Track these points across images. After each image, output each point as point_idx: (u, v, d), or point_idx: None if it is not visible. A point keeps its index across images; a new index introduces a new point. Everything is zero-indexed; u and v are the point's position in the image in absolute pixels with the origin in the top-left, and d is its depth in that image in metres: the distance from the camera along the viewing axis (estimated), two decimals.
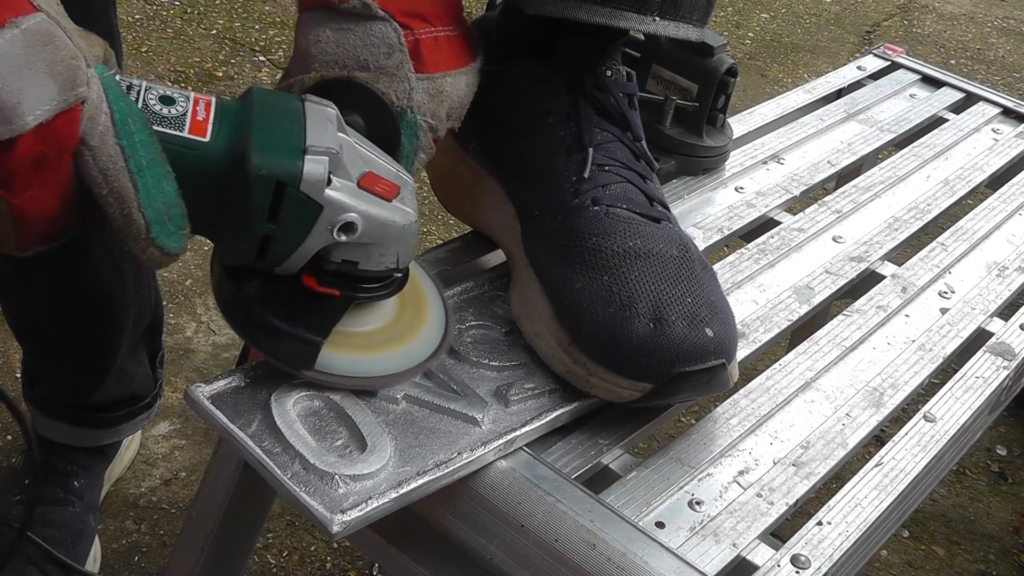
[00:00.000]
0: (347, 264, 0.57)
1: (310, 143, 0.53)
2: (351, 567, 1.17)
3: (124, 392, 1.11)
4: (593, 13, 0.68)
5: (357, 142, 0.57)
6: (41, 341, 1.08)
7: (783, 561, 0.61)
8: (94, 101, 0.48)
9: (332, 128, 0.55)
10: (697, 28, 0.72)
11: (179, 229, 0.51)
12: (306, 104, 0.56)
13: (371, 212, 0.55)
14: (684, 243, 0.68)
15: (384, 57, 0.61)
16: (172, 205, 0.51)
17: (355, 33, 0.61)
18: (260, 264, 0.56)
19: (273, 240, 0.54)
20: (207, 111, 0.53)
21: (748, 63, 2.45)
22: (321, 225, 0.54)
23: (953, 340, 0.82)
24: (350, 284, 0.58)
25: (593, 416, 0.66)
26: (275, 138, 0.53)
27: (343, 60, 0.61)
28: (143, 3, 2.22)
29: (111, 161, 0.49)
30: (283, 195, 0.53)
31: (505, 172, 0.75)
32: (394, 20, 0.62)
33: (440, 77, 0.64)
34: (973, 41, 2.80)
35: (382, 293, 0.60)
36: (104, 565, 1.11)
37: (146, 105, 0.52)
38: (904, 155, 1.07)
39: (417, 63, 0.62)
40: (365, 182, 0.56)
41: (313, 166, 0.53)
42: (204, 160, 0.52)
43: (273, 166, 0.52)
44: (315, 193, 0.53)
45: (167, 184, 0.50)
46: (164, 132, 0.51)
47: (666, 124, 0.93)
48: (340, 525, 0.53)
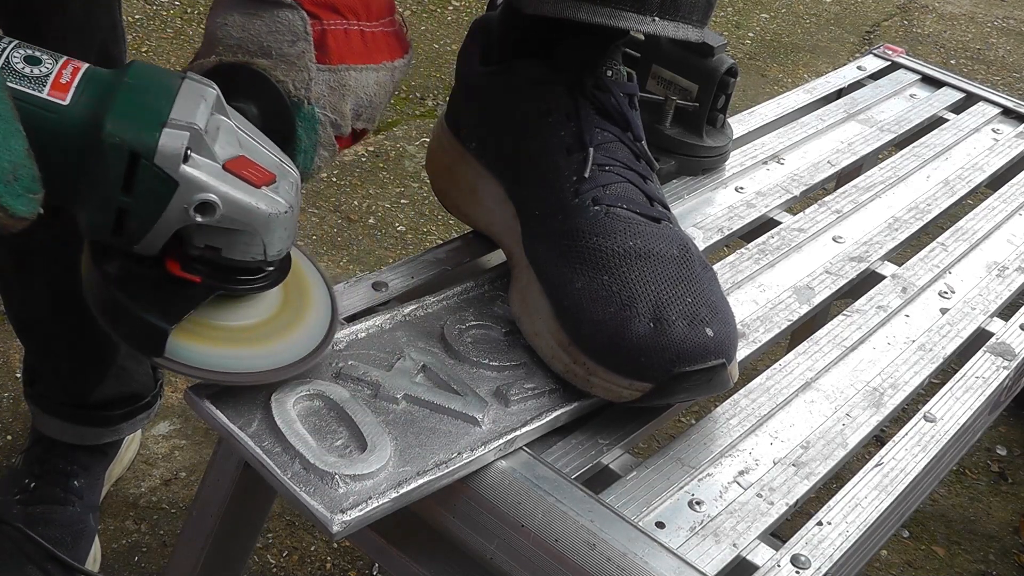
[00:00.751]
0: (210, 249, 0.55)
1: (172, 117, 0.52)
2: (351, 567, 1.17)
3: (124, 391, 1.11)
4: (593, 13, 0.68)
5: (238, 126, 0.56)
6: (42, 339, 1.08)
7: (783, 561, 0.61)
8: None
9: (204, 106, 0.53)
10: (697, 29, 0.72)
11: (28, 192, 0.49)
12: (184, 82, 0.54)
13: (232, 195, 0.53)
14: (684, 243, 0.68)
15: (287, 45, 0.60)
16: (20, 165, 0.48)
17: (262, 19, 0.60)
18: (118, 240, 0.54)
19: (128, 214, 0.53)
20: (73, 75, 0.52)
21: (748, 63, 2.45)
22: (177, 202, 0.52)
23: (953, 340, 0.82)
24: (214, 272, 0.56)
25: (593, 416, 0.66)
26: (137, 109, 0.51)
27: (247, 45, 0.60)
28: (143, 3, 2.22)
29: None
30: (137, 167, 0.51)
31: (505, 172, 0.75)
32: (302, 8, 0.60)
33: (343, 70, 0.62)
34: (973, 41, 2.80)
35: (251, 286, 0.58)
36: (104, 565, 1.11)
37: (8, 62, 0.50)
38: (904, 155, 1.07)
39: (320, 54, 0.61)
40: (232, 164, 0.54)
41: (169, 140, 0.51)
42: (59, 123, 0.50)
43: (128, 135, 0.51)
44: (170, 167, 0.52)
45: (15, 142, 0.48)
46: (19, 90, 0.50)
47: (666, 124, 0.93)
48: (340, 525, 0.53)
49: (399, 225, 1.70)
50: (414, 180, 1.81)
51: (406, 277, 0.75)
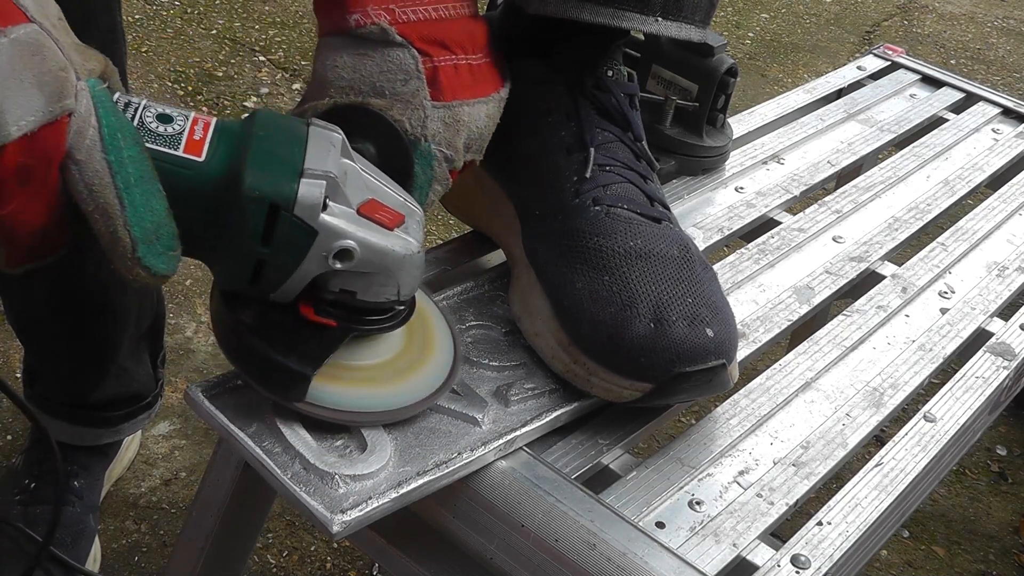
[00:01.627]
0: (345, 294, 0.55)
1: (308, 166, 0.52)
2: (351, 567, 1.17)
3: (125, 391, 1.11)
4: (595, 13, 0.68)
5: (364, 169, 0.56)
6: (42, 339, 1.08)
7: (783, 561, 0.61)
8: (82, 114, 0.47)
9: (335, 153, 0.54)
10: (699, 29, 0.72)
11: (168, 250, 0.50)
12: (310, 128, 0.54)
13: (369, 240, 0.54)
14: (685, 243, 0.68)
15: (400, 84, 0.60)
16: (161, 224, 0.49)
17: (372, 59, 0.60)
18: (254, 290, 0.54)
19: (267, 265, 0.53)
20: (205, 131, 0.52)
21: (748, 63, 2.45)
22: (316, 251, 0.53)
23: (953, 340, 0.82)
24: (349, 315, 0.56)
25: (593, 416, 0.66)
26: (272, 160, 0.52)
27: (358, 86, 0.60)
28: (143, 3, 2.22)
29: (97, 176, 0.48)
30: (277, 218, 0.51)
31: (505, 172, 0.75)
32: (412, 46, 0.60)
33: (458, 106, 0.62)
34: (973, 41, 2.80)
35: (383, 326, 0.58)
36: (104, 565, 1.11)
37: (142, 123, 0.50)
38: (904, 155, 1.07)
39: (434, 91, 0.61)
40: (365, 209, 0.54)
41: (308, 190, 0.51)
42: (197, 180, 0.51)
43: (267, 188, 0.51)
44: (309, 217, 0.52)
45: (156, 202, 0.49)
46: (156, 150, 0.50)
47: (666, 124, 0.93)
48: (340, 525, 0.53)
49: None
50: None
51: None
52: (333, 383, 0.58)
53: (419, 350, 0.62)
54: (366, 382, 0.59)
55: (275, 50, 2.15)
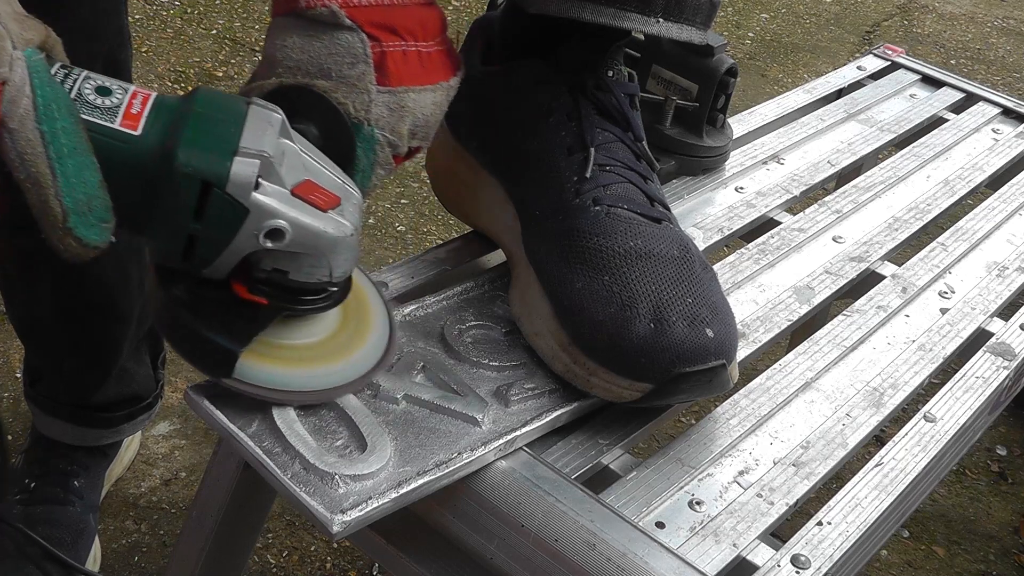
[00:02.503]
0: (277, 273, 0.56)
1: (243, 145, 0.52)
2: (351, 567, 1.17)
3: (126, 392, 1.11)
4: (597, 14, 0.68)
5: (303, 149, 0.56)
6: (45, 340, 1.08)
7: (783, 561, 0.61)
8: (16, 83, 0.47)
9: (272, 132, 0.54)
10: (700, 30, 0.72)
11: (101, 222, 0.50)
12: (250, 107, 0.54)
13: (301, 220, 0.54)
14: (685, 244, 0.68)
15: (347, 67, 0.60)
16: (93, 196, 0.49)
17: (321, 41, 0.60)
18: (186, 265, 0.55)
19: (199, 241, 0.53)
20: (143, 105, 0.52)
21: (748, 63, 2.45)
22: (247, 229, 0.53)
23: (953, 340, 0.82)
24: (280, 294, 0.56)
25: (593, 416, 0.66)
26: (208, 137, 0.52)
27: (306, 67, 0.60)
28: (143, 3, 2.22)
29: (29, 145, 0.47)
30: (209, 195, 0.52)
31: (506, 172, 0.75)
32: (362, 30, 0.60)
33: (403, 92, 0.62)
34: (973, 41, 2.80)
35: (315, 306, 0.58)
36: (104, 565, 1.11)
37: (80, 94, 0.50)
38: (904, 155, 1.07)
39: (380, 76, 0.61)
40: (300, 190, 0.54)
41: (241, 168, 0.52)
42: (132, 153, 0.51)
43: (200, 165, 0.51)
44: (241, 195, 0.52)
45: (89, 174, 0.49)
46: (92, 121, 0.50)
47: (666, 124, 0.93)
48: (340, 525, 0.53)
49: (399, 225, 1.70)
50: (414, 180, 1.81)
51: (406, 277, 0.75)
52: (264, 361, 0.58)
53: (353, 331, 0.63)
54: (297, 361, 0.60)
55: None
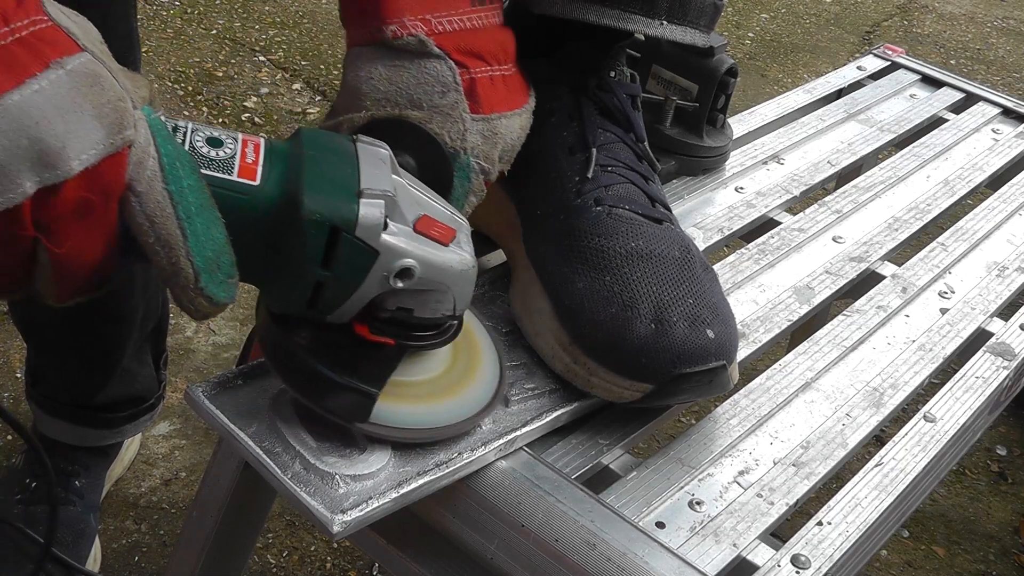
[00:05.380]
0: (402, 311, 0.54)
1: (365, 186, 0.51)
2: (351, 567, 1.17)
3: (128, 393, 1.11)
4: (601, 15, 0.68)
5: (410, 184, 0.55)
6: (48, 340, 1.08)
7: (783, 561, 0.61)
8: (141, 145, 0.46)
9: (386, 169, 0.53)
10: (703, 33, 0.72)
11: (228, 278, 0.49)
12: (358, 145, 0.54)
13: (428, 257, 0.53)
14: (686, 244, 0.68)
15: (439, 96, 0.59)
16: (221, 253, 0.48)
17: (409, 71, 0.59)
18: (311, 313, 0.53)
19: (326, 287, 0.52)
20: (256, 153, 0.51)
21: (748, 63, 2.45)
22: (377, 272, 0.52)
23: (953, 340, 0.82)
24: (404, 332, 0.55)
25: (593, 416, 0.67)
26: (328, 181, 0.50)
27: (395, 98, 0.59)
28: (143, 3, 2.22)
29: (159, 208, 0.46)
30: (338, 241, 0.50)
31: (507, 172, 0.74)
32: (449, 58, 0.60)
33: (496, 119, 0.62)
34: (973, 41, 2.80)
35: (437, 341, 0.57)
36: (104, 565, 1.11)
37: (193, 147, 0.49)
38: (904, 155, 1.07)
39: (472, 103, 0.61)
40: (421, 226, 0.53)
41: (369, 210, 0.50)
42: (254, 205, 0.50)
43: (327, 210, 0.50)
44: (371, 238, 0.51)
45: (216, 231, 0.48)
46: (213, 176, 0.49)
47: (666, 124, 0.93)
48: (340, 525, 0.53)
49: None
50: None
51: None
52: (391, 401, 0.57)
53: (466, 362, 0.62)
54: (422, 398, 0.59)
55: (275, 50, 2.15)
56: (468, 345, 0.63)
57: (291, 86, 2.04)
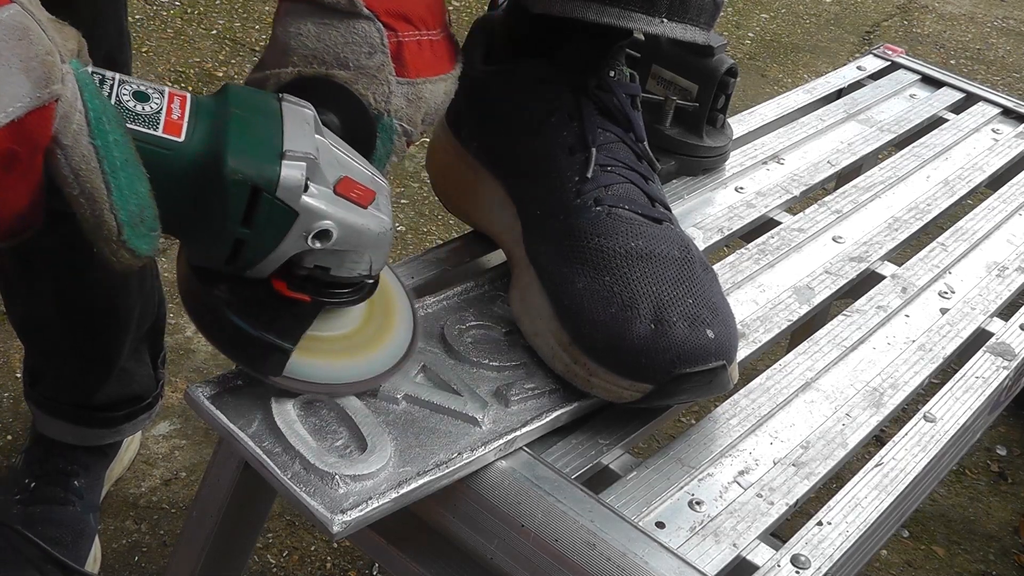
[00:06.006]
0: (319, 270, 0.56)
1: (288, 147, 0.52)
2: (351, 567, 1.17)
3: (126, 392, 1.11)
4: (601, 13, 0.68)
5: (333, 144, 0.56)
6: (45, 340, 1.08)
7: (783, 561, 0.61)
8: (68, 99, 0.46)
9: (309, 131, 0.54)
10: (703, 31, 0.72)
11: (151, 231, 0.50)
12: (283, 104, 0.54)
13: (347, 219, 0.54)
14: (686, 244, 0.68)
15: (365, 57, 0.60)
16: (145, 207, 0.49)
17: (337, 29, 0.59)
18: (230, 268, 0.54)
19: (246, 245, 0.53)
20: (182, 109, 0.51)
21: (748, 63, 2.45)
22: (296, 231, 0.53)
23: (953, 340, 0.82)
24: (321, 289, 0.57)
25: (593, 416, 0.66)
26: (252, 141, 0.51)
27: (323, 56, 0.60)
28: (143, 3, 2.22)
29: (84, 161, 0.47)
30: (258, 200, 0.51)
31: (507, 171, 0.75)
32: (378, 20, 0.60)
33: (421, 83, 0.62)
34: (973, 41, 2.80)
35: (353, 299, 0.58)
36: (104, 565, 1.11)
37: (119, 101, 0.50)
38: (904, 155, 1.07)
39: (398, 66, 0.61)
40: (341, 188, 0.54)
41: (291, 172, 0.51)
42: (178, 161, 0.50)
43: (249, 171, 0.51)
44: (291, 200, 0.52)
45: (140, 185, 0.49)
46: (138, 131, 0.49)
47: (666, 124, 0.93)
48: (340, 525, 0.53)
49: (399, 225, 1.70)
50: (414, 180, 1.81)
51: (406, 277, 0.75)
52: (306, 356, 0.58)
53: (381, 320, 0.63)
54: (336, 354, 0.60)
55: None
56: (384, 304, 0.64)
57: None
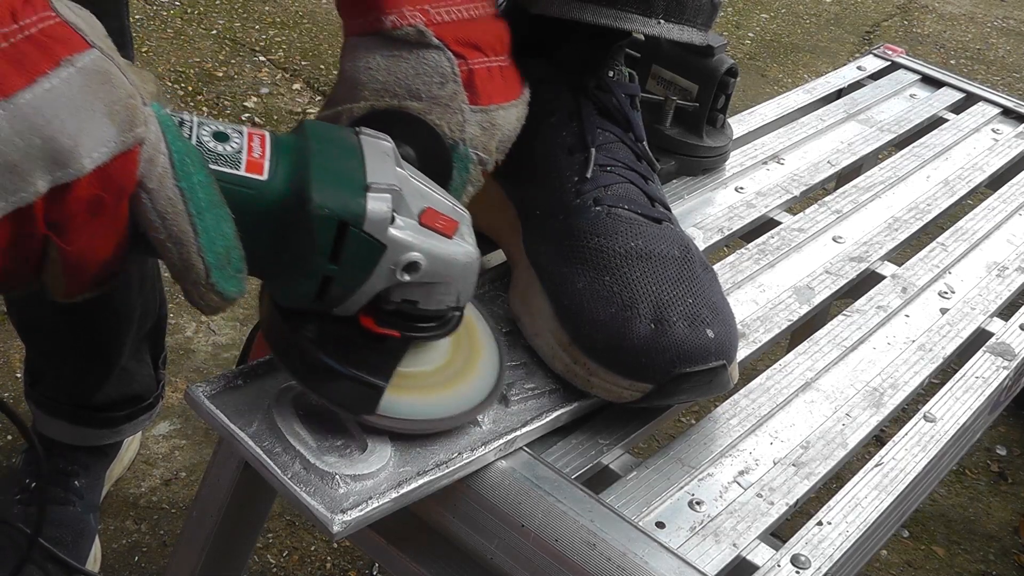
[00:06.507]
0: (407, 304, 0.55)
1: (371, 180, 0.51)
2: (351, 567, 1.17)
3: (127, 392, 1.11)
4: (598, 15, 0.68)
5: (413, 176, 0.55)
6: (46, 340, 1.08)
7: (783, 561, 0.61)
8: (152, 142, 0.46)
9: (391, 163, 0.53)
10: (701, 31, 0.72)
11: (237, 272, 0.49)
12: (362, 138, 0.54)
13: (434, 250, 0.53)
14: (685, 244, 0.68)
15: (437, 87, 0.60)
16: (231, 248, 0.49)
17: (407, 61, 0.59)
18: (318, 305, 0.54)
19: (334, 281, 0.52)
20: (262, 147, 0.51)
21: (748, 63, 2.45)
22: (384, 265, 0.52)
23: (953, 340, 0.82)
24: (409, 324, 0.56)
25: (593, 416, 0.66)
26: (335, 175, 0.51)
27: (394, 89, 0.59)
28: (143, 3, 2.22)
29: (170, 204, 0.46)
30: (346, 235, 0.51)
31: (506, 172, 0.74)
32: (448, 49, 0.60)
33: (493, 110, 0.62)
34: (973, 41, 2.80)
35: (441, 332, 0.57)
36: (104, 565, 1.11)
37: (200, 142, 0.49)
38: (904, 155, 1.07)
39: (470, 94, 0.61)
40: (426, 219, 0.53)
41: (376, 204, 0.51)
42: (263, 200, 0.50)
43: (336, 205, 0.50)
44: (379, 232, 0.51)
45: (226, 226, 0.48)
46: (221, 171, 0.49)
47: (666, 124, 0.93)
48: (340, 525, 0.53)
49: None
50: None
51: None
52: (396, 392, 0.57)
53: (467, 354, 0.62)
54: (424, 390, 0.59)
55: (275, 50, 2.15)
56: (469, 337, 0.63)
57: (291, 86, 2.04)
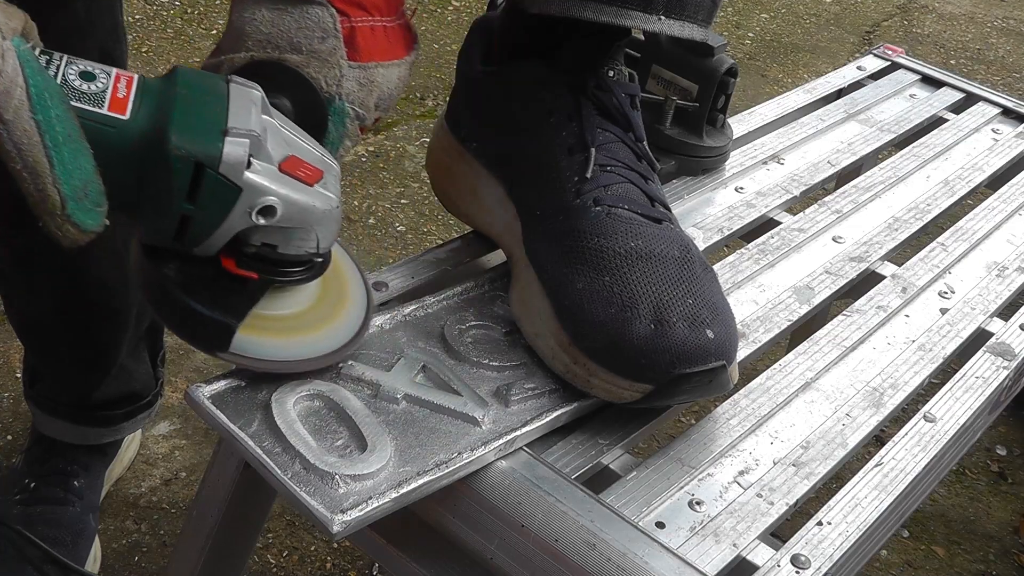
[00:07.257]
0: (266, 247, 0.57)
1: (231, 125, 0.53)
2: (351, 567, 1.17)
3: (125, 390, 1.11)
4: (599, 12, 0.68)
5: (282, 125, 0.57)
6: (43, 339, 1.08)
7: (783, 561, 0.61)
8: (9, 75, 0.47)
9: (256, 110, 0.55)
10: (702, 28, 0.72)
11: (96, 206, 0.51)
12: (231, 85, 0.56)
13: (291, 196, 0.55)
14: (685, 244, 0.68)
15: (318, 42, 0.61)
16: (89, 182, 0.50)
17: (291, 15, 0.61)
18: (178, 244, 0.56)
19: (191, 221, 0.54)
20: (128, 88, 0.53)
21: (748, 63, 2.45)
22: (240, 208, 0.54)
23: (953, 340, 0.82)
24: (269, 267, 0.58)
25: (593, 416, 0.67)
26: (196, 119, 0.53)
27: (276, 41, 0.61)
28: (143, 3, 2.22)
29: (25, 136, 0.48)
30: (202, 177, 0.53)
31: (506, 172, 0.75)
32: (331, 5, 0.61)
33: (373, 67, 0.64)
34: (973, 41, 2.80)
35: (301, 277, 0.60)
36: (104, 565, 1.11)
37: (65, 80, 0.51)
38: (904, 155, 1.07)
39: (351, 51, 0.62)
40: (287, 166, 0.56)
41: (233, 148, 0.53)
42: (123, 138, 0.52)
43: (192, 147, 0.52)
44: (234, 175, 0.53)
45: (84, 160, 0.50)
46: (82, 108, 0.51)
47: (666, 124, 0.93)
48: (340, 525, 0.53)
49: (399, 225, 1.70)
50: (414, 180, 1.81)
51: (406, 277, 0.75)
52: (254, 333, 0.59)
53: (334, 299, 0.64)
54: (286, 332, 0.61)
55: None
56: (339, 285, 0.65)
57: None
